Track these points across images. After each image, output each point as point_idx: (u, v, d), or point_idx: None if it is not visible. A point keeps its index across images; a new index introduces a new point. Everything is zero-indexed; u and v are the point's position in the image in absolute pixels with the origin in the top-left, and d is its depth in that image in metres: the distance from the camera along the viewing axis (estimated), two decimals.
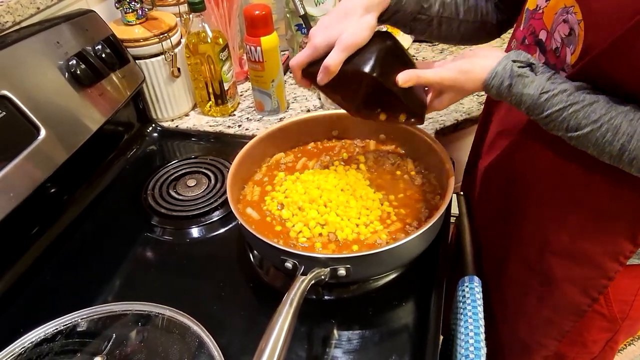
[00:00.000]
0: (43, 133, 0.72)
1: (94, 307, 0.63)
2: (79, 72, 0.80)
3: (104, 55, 0.85)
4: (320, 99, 1.06)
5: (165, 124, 1.04)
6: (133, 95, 0.93)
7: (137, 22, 0.94)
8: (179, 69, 0.99)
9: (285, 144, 0.84)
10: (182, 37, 1.00)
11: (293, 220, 0.71)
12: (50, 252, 0.76)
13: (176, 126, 1.04)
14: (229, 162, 0.76)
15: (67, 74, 0.79)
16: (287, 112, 1.04)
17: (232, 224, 0.80)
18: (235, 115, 1.05)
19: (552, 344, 0.77)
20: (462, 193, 0.86)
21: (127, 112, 0.98)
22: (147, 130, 1.02)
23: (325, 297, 0.68)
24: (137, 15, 0.93)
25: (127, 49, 0.92)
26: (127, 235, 0.80)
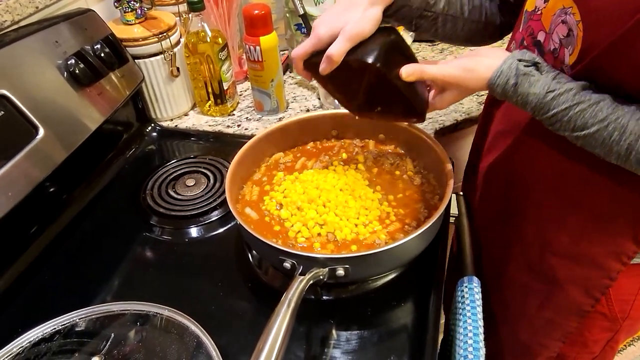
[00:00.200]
0: (42, 132, 0.72)
1: (92, 306, 0.63)
2: (77, 71, 0.80)
3: (103, 55, 0.84)
4: (319, 98, 1.06)
5: (164, 124, 1.04)
6: (132, 94, 0.93)
7: (136, 22, 0.94)
8: (178, 69, 0.99)
9: (284, 143, 0.84)
10: (181, 37, 1.00)
11: (292, 220, 0.71)
12: (48, 251, 0.76)
13: (175, 126, 1.04)
14: (228, 162, 0.76)
15: (66, 74, 0.79)
16: (286, 111, 1.04)
17: (231, 224, 0.80)
18: (234, 114, 1.05)
19: (555, 345, 0.77)
20: (461, 193, 0.86)
21: (126, 111, 0.98)
22: (146, 130, 1.02)
23: (324, 297, 0.68)
24: (136, 14, 0.93)
25: (126, 49, 0.92)
26: (125, 234, 0.80)
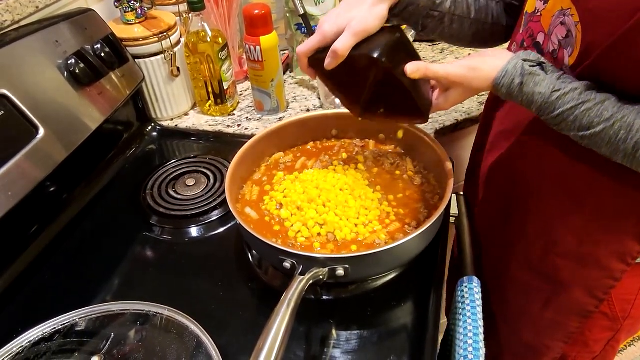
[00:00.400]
0: (42, 132, 0.72)
1: (92, 306, 0.63)
2: (78, 71, 0.80)
3: (103, 55, 0.84)
4: (320, 98, 1.06)
5: (164, 123, 1.04)
6: (132, 94, 0.93)
7: (137, 21, 0.94)
8: (178, 68, 0.99)
9: (284, 143, 0.84)
10: (181, 37, 0.99)
11: (292, 220, 0.71)
12: (48, 251, 0.76)
13: (175, 125, 1.04)
14: (228, 162, 0.76)
15: (66, 73, 0.79)
16: (286, 111, 1.04)
17: (231, 224, 0.80)
18: (234, 114, 1.05)
19: (559, 346, 0.77)
20: (462, 193, 0.86)
21: (126, 111, 0.98)
22: (147, 130, 1.02)
23: (324, 297, 0.68)
24: (137, 14, 0.93)
25: (127, 48, 0.92)
26: (125, 234, 0.80)
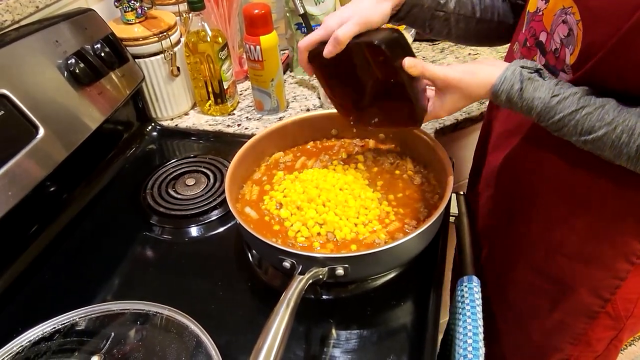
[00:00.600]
0: (42, 132, 0.72)
1: (92, 306, 0.63)
2: (78, 71, 0.80)
3: (103, 54, 0.84)
4: (320, 98, 1.06)
5: (164, 123, 1.04)
6: (132, 94, 0.93)
7: (137, 21, 0.94)
8: (178, 68, 0.99)
9: (284, 143, 0.84)
10: (181, 36, 1.00)
11: (291, 220, 0.71)
12: (49, 250, 0.76)
13: (175, 125, 1.04)
14: (228, 161, 0.76)
15: (66, 73, 0.79)
16: (286, 111, 1.04)
17: (231, 223, 0.80)
18: (234, 114, 1.05)
19: (566, 347, 0.77)
20: (462, 193, 0.86)
21: (126, 111, 0.98)
22: (147, 129, 1.02)
23: (324, 297, 0.68)
24: (137, 14, 0.93)
25: (127, 48, 0.92)
26: (125, 234, 0.80)
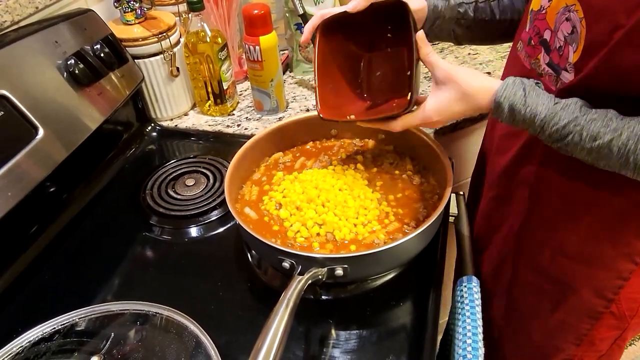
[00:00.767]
0: (41, 132, 0.72)
1: (92, 306, 0.63)
2: (77, 71, 0.80)
3: (102, 55, 0.85)
4: None
5: (164, 124, 1.04)
6: (132, 94, 0.93)
7: (136, 22, 0.94)
8: (177, 69, 0.99)
9: (283, 143, 0.84)
10: (181, 37, 1.00)
11: (291, 220, 0.71)
12: (48, 251, 0.76)
13: (175, 125, 1.04)
14: (228, 162, 0.76)
15: (65, 74, 0.79)
16: (286, 111, 1.04)
17: (231, 224, 0.80)
18: (234, 114, 1.05)
19: (570, 348, 0.77)
20: (461, 193, 0.86)
21: (126, 111, 0.98)
22: (146, 130, 1.02)
23: (323, 297, 0.68)
24: (136, 14, 0.93)
25: (126, 49, 0.92)
26: (125, 234, 0.80)
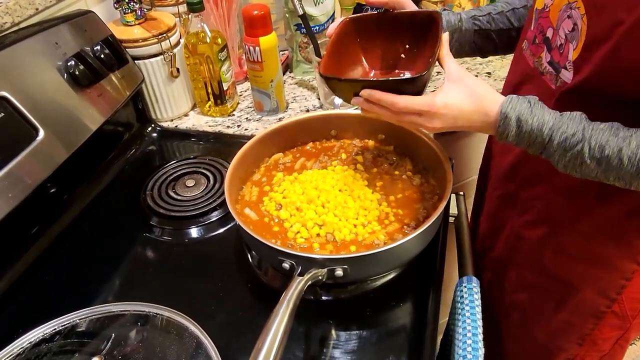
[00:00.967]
0: (42, 134, 0.72)
1: (92, 307, 0.63)
2: (77, 72, 0.80)
3: (102, 56, 0.85)
4: (319, 99, 1.06)
5: (164, 124, 1.04)
6: (132, 95, 0.93)
7: (136, 23, 0.94)
8: (178, 69, 0.99)
9: (283, 144, 0.84)
10: (181, 38, 1.00)
11: (291, 221, 0.71)
12: (49, 252, 0.76)
13: (175, 126, 1.04)
14: (228, 162, 0.76)
15: (65, 75, 0.79)
16: (286, 112, 1.04)
17: (231, 224, 0.80)
18: (234, 115, 1.05)
19: (573, 348, 0.77)
20: (461, 193, 0.86)
21: (126, 112, 0.98)
22: (147, 131, 1.02)
23: (323, 298, 0.68)
24: (136, 15, 0.93)
25: (126, 50, 0.92)
26: (126, 235, 0.80)
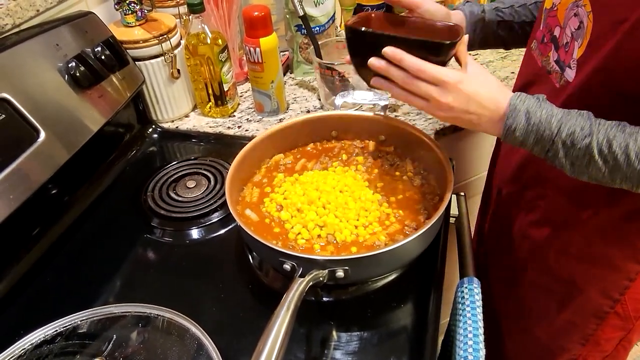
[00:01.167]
0: (43, 135, 0.72)
1: (93, 308, 0.63)
2: (78, 74, 0.80)
3: (103, 57, 0.85)
4: (320, 99, 1.06)
5: (165, 125, 1.04)
6: (133, 96, 0.93)
7: (137, 24, 0.94)
8: (178, 70, 0.99)
9: (284, 145, 0.84)
10: (181, 39, 1.00)
11: (292, 222, 0.71)
12: (50, 253, 0.76)
13: (176, 127, 1.04)
14: (229, 163, 0.76)
15: (66, 76, 0.79)
16: (286, 112, 1.04)
17: (232, 226, 0.80)
18: (235, 116, 1.05)
19: (575, 348, 0.77)
20: (462, 194, 0.86)
21: (127, 113, 0.98)
22: (147, 132, 1.02)
23: (324, 299, 0.68)
24: (137, 16, 0.93)
25: (127, 51, 0.92)
26: (127, 236, 0.80)
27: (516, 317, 0.84)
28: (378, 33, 0.63)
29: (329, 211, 0.71)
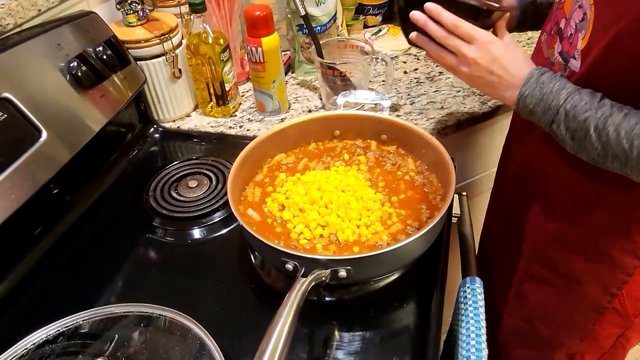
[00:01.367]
0: (44, 135, 0.72)
1: (95, 308, 0.63)
2: (80, 73, 0.80)
3: (105, 57, 0.85)
4: (321, 99, 1.06)
5: (166, 125, 1.04)
6: (134, 96, 0.93)
7: (138, 24, 0.94)
8: (180, 70, 0.99)
9: (286, 144, 0.84)
10: (183, 38, 1.00)
11: (294, 222, 0.71)
12: (52, 253, 0.76)
13: (178, 127, 1.04)
14: (230, 163, 0.76)
15: (68, 76, 0.79)
16: (288, 112, 1.04)
17: (234, 225, 0.80)
18: (236, 115, 1.05)
19: (575, 343, 0.78)
20: (464, 194, 0.86)
21: (128, 113, 0.98)
22: (149, 131, 1.02)
23: (327, 299, 0.68)
24: (138, 16, 0.93)
25: (128, 50, 0.92)
26: (128, 236, 0.80)
27: (519, 312, 0.84)
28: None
29: (331, 211, 0.71)
